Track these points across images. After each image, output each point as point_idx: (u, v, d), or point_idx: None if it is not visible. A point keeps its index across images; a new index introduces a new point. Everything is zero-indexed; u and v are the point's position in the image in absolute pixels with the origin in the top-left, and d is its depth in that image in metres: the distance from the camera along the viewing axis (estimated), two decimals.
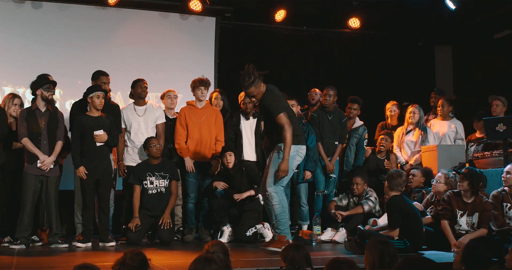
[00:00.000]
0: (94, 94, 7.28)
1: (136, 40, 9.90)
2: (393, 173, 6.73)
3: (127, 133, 7.95)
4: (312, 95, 9.07)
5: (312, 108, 8.93)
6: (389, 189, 6.64)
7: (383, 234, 6.58)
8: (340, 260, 3.77)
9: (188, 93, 8.26)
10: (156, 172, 7.61)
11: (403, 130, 8.76)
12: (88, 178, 7.23)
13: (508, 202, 6.67)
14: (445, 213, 6.64)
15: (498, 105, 8.65)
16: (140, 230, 7.42)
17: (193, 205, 7.96)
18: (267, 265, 5.33)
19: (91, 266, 3.65)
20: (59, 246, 7.08)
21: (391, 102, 9.18)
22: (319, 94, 8.99)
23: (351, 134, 8.75)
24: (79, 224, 7.55)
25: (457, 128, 8.91)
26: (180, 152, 7.94)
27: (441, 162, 8.00)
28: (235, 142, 8.22)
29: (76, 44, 9.53)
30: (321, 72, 11.22)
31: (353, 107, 8.78)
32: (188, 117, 7.96)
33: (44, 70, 7.74)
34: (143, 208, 7.60)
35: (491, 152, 7.74)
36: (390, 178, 6.65)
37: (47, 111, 7.20)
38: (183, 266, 4.85)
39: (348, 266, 3.73)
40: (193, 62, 10.08)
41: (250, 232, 7.66)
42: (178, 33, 10.21)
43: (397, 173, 6.72)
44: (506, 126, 7.55)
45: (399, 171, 6.84)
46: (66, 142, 7.45)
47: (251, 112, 8.29)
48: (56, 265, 5.77)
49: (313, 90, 9.15)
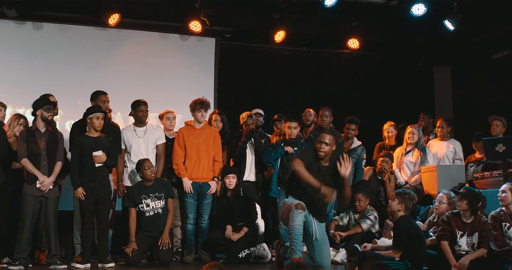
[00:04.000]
0: (93, 115, 7.28)
1: (136, 60, 9.95)
2: (408, 195, 6.66)
3: (127, 154, 7.95)
4: (307, 115, 9.05)
5: (307, 129, 8.92)
6: (401, 211, 6.59)
7: (384, 255, 6.56)
8: None
9: (187, 113, 8.27)
10: (151, 193, 7.59)
11: (402, 150, 8.76)
12: (87, 198, 7.22)
13: (507, 222, 6.67)
14: (445, 233, 6.62)
15: (498, 126, 8.68)
16: (139, 251, 7.39)
17: (192, 226, 7.94)
18: None
19: None
20: (58, 267, 7.04)
21: (388, 123, 9.19)
22: (313, 115, 9.00)
23: (349, 154, 8.71)
24: (78, 245, 7.52)
25: (456, 149, 8.92)
26: (178, 173, 7.94)
27: (441, 183, 8.00)
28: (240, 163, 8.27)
29: (76, 65, 9.58)
30: (320, 92, 11.26)
31: (351, 128, 8.79)
32: (186, 137, 7.97)
33: (44, 90, 7.77)
34: (141, 229, 7.57)
35: (491, 173, 7.75)
36: (405, 200, 6.58)
37: (46, 131, 7.21)
38: None
39: None
40: (193, 82, 10.12)
41: (242, 254, 7.69)
42: (178, 54, 10.26)
43: (410, 196, 6.65)
44: (505, 147, 7.56)
45: (412, 194, 6.76)
46: (66, 162, 7.45)
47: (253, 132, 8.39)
48: None
49: (307, 110, 9.12)
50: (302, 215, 6.34)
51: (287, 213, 6.45)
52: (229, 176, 7.90)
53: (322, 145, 6.62)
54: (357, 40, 10.96)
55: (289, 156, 8.13)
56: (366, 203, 8.07)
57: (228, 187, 7.89)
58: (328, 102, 9.28)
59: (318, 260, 6.45)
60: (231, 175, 7.91)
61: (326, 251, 6.56)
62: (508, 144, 7.58)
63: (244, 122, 8.42)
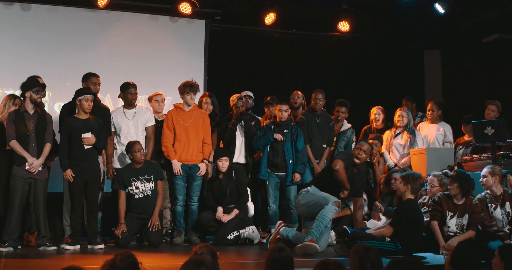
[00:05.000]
0: (83, 97, 7.25)
1: (126, 42, 9.88)
2: (412, 175, 6.70)
3: (116, 136, 7.93)
4: (294, 98, 9.00)
5: (295, 111, 8.91)
6: (407, 191, 6.63)
7: (375, 235, 6.60)
8: (328, 262, 3.77)
9: (177, 96, 8.25)
10: (140, 176, 7.59)
11: (391, 133, 8.78)
12: (76, 180, 7.21)
13: (493, 203, 6.72)
14: (436, 214, 6.66)
15: (493, 111, 8.73)
16: (128, 233, 7.41)
17: (181, 207, 7.95)
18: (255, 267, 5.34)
19: (79, 268, 3.63)
20: (47, 249, 7.05)
21: (376, 107, 9.17)
22: (301, 97, 8.98)
23: (339, 137, 8.78)
24: (67, 226, 7.54)
25: (446, 132, 8.96)
26: (167, 155, 7.93)
27: (430, 165, 8.03)
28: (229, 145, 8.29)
29: (65, 47, 9.50)
30: (310, 75, 11.25)
31: (340, 110, 8.80)
32: (175, 120, 7.96)
33: (33, 72, 7.71)
34: (131, 211, 7.58)
35: (480, 155, 7.79)
36: (409, 180, 6.63)
37: (35, 113, 7.18)
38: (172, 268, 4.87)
39: (336, 267, 3.72)
40: (183, 64, 10.08)
41: (231, 236, 7.71)
42: (167, 36, 10.20)
43: (414, 176, 6.69)
44: (494, 130, 7.60)
45: (418, 174, 6.80)
46: (55, 144, 7.43)
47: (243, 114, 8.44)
48: (44, 268, 5.74)
49: (295, 92, 9.06)
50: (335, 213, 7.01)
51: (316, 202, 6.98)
52: (222, 159, 7.90)
53: (361, 152, 7.30)
54: (347, 23, 10.94)
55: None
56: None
57: (221, 170, 7.89)
58: (318, 85, 9.26)
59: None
60: (224, 158, 7.91)
61: (327, 236, 7.03)
62: (497, 127, 7.62)
63: (234, 104, 8.43)
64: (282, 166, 8.18)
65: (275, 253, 4.27)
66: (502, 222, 6.66)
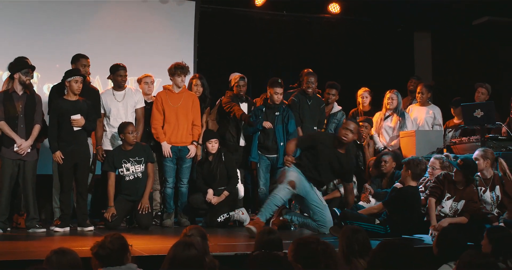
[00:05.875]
0: (72, 78, 7.21)
1: (115, 24, 9.80)
2: (413, 160, 6.70)
3: (106, 118, 7.90)
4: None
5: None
6: (408, 177, 6.64)
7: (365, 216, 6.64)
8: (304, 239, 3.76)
9: (166, 77, 8.21)
10: (131, 157, 7.57)
11: (381, 115, 8.79)
12: (65, 162, 7.18)
13: (482, 186, 6.76)
14: (436, 191, 6.61)
15: (483, 93, 8.74)
16: (118, 215, 7.41)
17: (171, 190, 7.95)
18: (245, 249, 5.36)
19: (68, 250, 3.63)
20: (36, 231, 7.04)
21: (363, 89, 9.15)
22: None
23: (330, 120, 8.77)
24: (57, 208, 7.52)
25: (435, 114, 8.97)
26: (157, 137, 7.92)
27: (419, 147, 8.06)
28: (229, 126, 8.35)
29: (54, 28, 9.42)
30: (300, 57, 11.21)
31: (331, 93, 8.80)
32: (164, 101, 7.93)
33: (21, 53, 7.62)
34: (121, 193, 7.58)
35: (469, 138, 7.82)
36: (410, 166, 6.63)
37: (24, 94, 7.13)
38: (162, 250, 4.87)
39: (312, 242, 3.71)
40: (172, 46, 10.02)
41: (221, 218, 7.72)
42: (157, 17, 10.12)
43: (415, 161, 6.69)
44: (483, 112, 7.62)
45: (419, 159, 6.81)
46: (44, 126, 7.39)
47: (244, 95, 8.46)
48: (33, 250, 5.74)
49: (307, 70, 9.06)
50: (289, 192, 6.87)
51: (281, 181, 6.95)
52: (212, 140, 7.88)
53: (347, 132, 7.06)
54: (338, 4, 10.93)
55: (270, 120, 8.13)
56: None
57: (210, 151, 7.88)
58: (308, 67, 9.22)
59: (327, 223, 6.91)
60: (213, 140, 7.89)
61: (329, 215, 6.99)
62: (486, 110, 7.64)
63: (236, 83, 8.40)
64: (273, 148, 8.18)
65: (265, 235, 4.29)
66: (491, 206, 6.71)
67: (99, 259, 3.73)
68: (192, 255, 3.52)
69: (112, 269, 3.70)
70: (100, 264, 3.73)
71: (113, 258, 3.71)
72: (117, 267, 3.71)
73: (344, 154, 7.20)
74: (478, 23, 10.87)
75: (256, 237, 4.34)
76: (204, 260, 3.69)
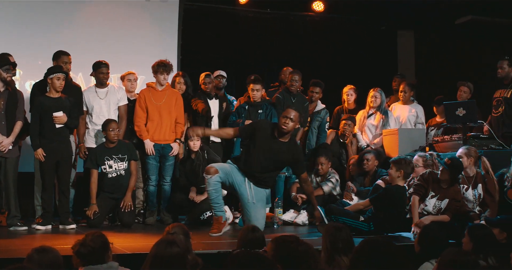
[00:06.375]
0: (54, 75, 7.16)
1: (98, 21, 9.74)
2: (404, 160, 6.70)
3: (88, 115, 7.86)
4: (286, 73, 9.00)
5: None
6: (399, 177, 6.64)
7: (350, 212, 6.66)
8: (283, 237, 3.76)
9: (150, 75, 8.18)
10: (114, 155, 7.55)
11: (364, 113, 8.82)
12: (47, 159, 7.14)
13: (465, 184, 6.80)
14: (420, 189, 6.63)
15: (465, 92, 8.79)
16: (100, 213, 7.37)
17: (154, 187, 7.93)
18: (228, 247, 5.35)
19: (50, 249, 3.62)
20: (18, 229, 6.99)
21: (348, 86, 9.18)
22: None
23: (313, 118, 8.78)
24: (38, 206, 7.46)
25: (418, 113, 9.01)
26: (140, 135, 7.89)
27: (402, 146, 8.09)
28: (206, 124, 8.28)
29: (37, 25, 9.33)
30: (284, 55, 11.20)
31: (315, 91, 8.80)
32: (148, 99, 7.90)
33: (3, 49, 7.58)
34: (103, 191, 7.55)
35: (451, 136, 7.87)
36: (402, 166, 6.63)
37: (6, 91, 7.08)
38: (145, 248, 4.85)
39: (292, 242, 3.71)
40: (156, 43, 9.97)
41: (204, 216, 7.71)
42: (141, 14, 10.06)
43: (406, 161, 6.70)
44: (465, 111, 7.66)
45: (407, 159, 6.82)
46: (26, 123, 7.34)
47: (212, 92, 8.41)
48: (14, 248, 5.70)
49: (286, 68, 9.09)
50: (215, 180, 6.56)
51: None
52: (193, 138, 7.87)
53: (287, 120, 6.64)
54: (321, 3, 10.94)
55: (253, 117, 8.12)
56: (328, 166, 8.15)
57: (192, 149, 7.86)
58: (292, 65, 9.23)
59: (252, 221, 6.50)
60: (195, 138, 7.88)
61: (261, 214, 6.71)
62: (468, 109, 7.69)
63: (202, 80, 8.40)
64: None
65: (248, 233, 4.29)
66: (473, 204, 6.75)
67: (80, 258, 3.72)
68: (174, 253, 3.51)
69: (93, 267, 3.69)
70: (81, 263, 3.71)
71: (94, 257, 3.71)
72: (98, 265, 3.70)
73: (287, 142, 6.76)
74: (461, 22, 10.92)
75: (240, 235, 4.34)
76: (187, 258, 3.68)
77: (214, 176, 6.55)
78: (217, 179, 6.57)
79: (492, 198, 6.72)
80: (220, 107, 8.43)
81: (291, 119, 6.62)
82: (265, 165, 6.73)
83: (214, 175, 6.55)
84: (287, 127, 6.64)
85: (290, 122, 6.63)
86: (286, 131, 6.68)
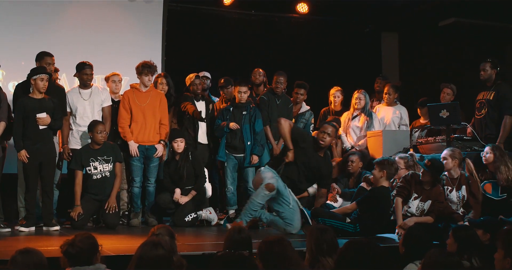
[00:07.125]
0: (37, 76, 7.12)
1: (82, 22, 9.69)
2: (387, 161, 6.71)
3: (72, 116, 7.83)
4: (256, 75, 9.00)
5: (256, 88, 8.93)
6: (383, 177, 6.65)
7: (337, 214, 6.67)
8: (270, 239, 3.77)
9: (134, 76, 8.16)
10: (99, 156, 7.52)
11: (349, 115, 8.84)
12: (30, 161, 7.09)
13: (449, 186, 6.84)
14: (403, 191, 6.66)
15: (448, 94, 8.82)
16: (85, 214, 7.34)
17: (138, 189, 7.90)
18: (212, 248, 5.35)
19: (34, 250, 3.59)
20: (1, 231, 6.94)
21: (335, 88, 9.20)
22: (263, 74, 8.99)
23: (298, 119, 8.78)
24: (22, 208, 7.43)
25: (402, 114, 9.05)
26: (124, 136, 7.86)
27: (386, 147, 8.12)
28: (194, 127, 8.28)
29: (20, 25, 9.29)
30: (269, 56, 11.22)
31: (299, 92, 8.80)
32: (132, 100, 7.88)
33: None
34: (88, 192, 7.51)
35: (435, 138, 7.92)
36: (385, 166, 6.64)
37: None
38: (129, 250, 4.84)
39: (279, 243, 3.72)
40: (140, 44, 9.93)
41: (189, 217, 7.71)
42: (125, 15, 10.04)
43: (389, 162, 6.71)
44: (449, 112, 7.71)
45: (392, 159, 6.84)
46: (10, 124, 7.28)
47: (200, 94, 8.40)
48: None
49: (257, 70, 9.07)
50: (266, 196, 6.86)
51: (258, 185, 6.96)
52: (177, 140, 7.85)
53: (324, 135, 7.12)
54: (306, 4, 10.97)
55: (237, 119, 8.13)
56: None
57: (177, 151, 7.85)
58: (277, 66, 9.24)
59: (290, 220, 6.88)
60: (179, 139, 7.86)
61: (298, 216, 6.93)
62: (452, 110, 7.75)
63: (191, 82, 8.37)
64: (240, 147, 8.17)
65: (234, 235, 4.29)
66: (457, 205, 6.79)
67: (68, 258, 3.70)
68: (159, 254, 3.51)
69: (80, 268, 3.67)
70: (69, 263, 3.70)
71: (83, 258, 3.69)
72: (86, 266, 3.69)
73: (323, 158, 7.24)
74: (445, 24, 10.98)
75: (226, 236, 4.34)
76: (172, 260, 3.68)
77: (272, 192, 6.85)
78: (271, 195, 6.89)
79: (476, 200, 6.75)
80: (207, 109, 8.41)
81: (329, 134, 7.12)
82: (301, 177, 7.24)
83: (273, 192, 6.85)
84: (324, 142, 7.13)
85: (328, 137, 7.12)
86: (323, 146, 7.16)
